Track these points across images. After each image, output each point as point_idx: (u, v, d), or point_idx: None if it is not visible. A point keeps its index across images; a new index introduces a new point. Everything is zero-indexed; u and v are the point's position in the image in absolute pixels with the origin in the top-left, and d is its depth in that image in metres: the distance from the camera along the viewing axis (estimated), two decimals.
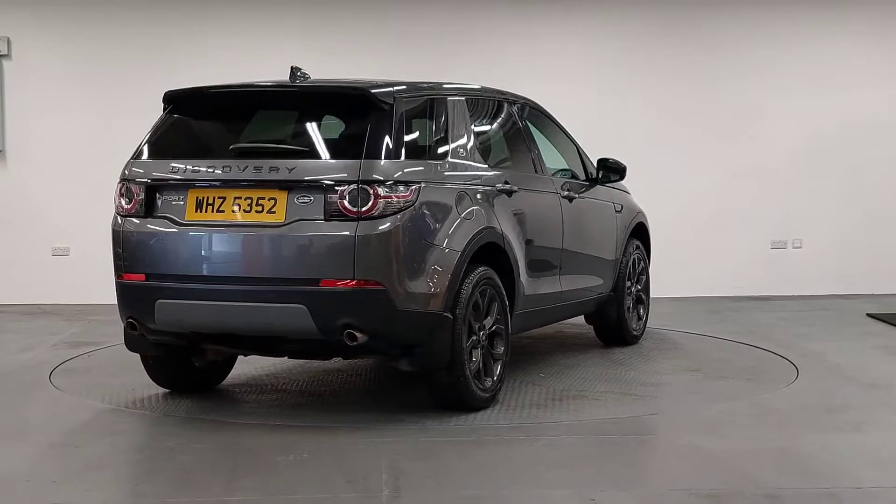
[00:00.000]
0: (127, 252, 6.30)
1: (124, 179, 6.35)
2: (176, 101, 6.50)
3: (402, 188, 5.90)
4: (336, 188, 5.83)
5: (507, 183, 6.85)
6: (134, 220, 6.28)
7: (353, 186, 5.81)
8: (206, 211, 6.07)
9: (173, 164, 6.19)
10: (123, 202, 6.34)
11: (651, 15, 11.79)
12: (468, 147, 6.70)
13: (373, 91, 6.08)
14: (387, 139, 5.99)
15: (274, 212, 5.94)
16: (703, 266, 11.77)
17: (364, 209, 5.81)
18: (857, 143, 11.87)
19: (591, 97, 11.57)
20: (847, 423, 6.24)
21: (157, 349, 6.50)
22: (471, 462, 5.44)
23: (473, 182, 6.55)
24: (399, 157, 6.00)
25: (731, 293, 11.70)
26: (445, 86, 6.96)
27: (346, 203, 5.82)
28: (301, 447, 5.70)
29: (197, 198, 6.10)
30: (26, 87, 11.31)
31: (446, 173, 6.37)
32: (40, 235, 11.37)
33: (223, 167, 6.06)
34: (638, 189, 9.33)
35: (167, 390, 6.90)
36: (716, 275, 11.70)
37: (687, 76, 11.78)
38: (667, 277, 11.23)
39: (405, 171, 5.99)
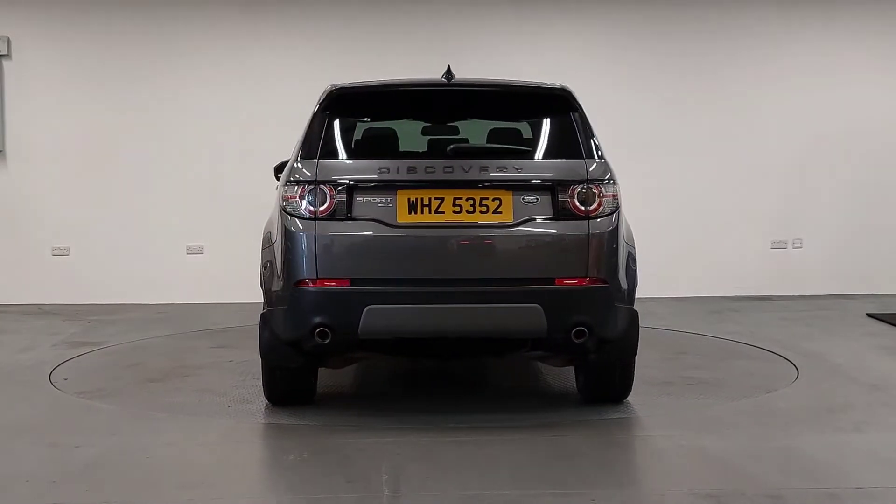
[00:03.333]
0: (323, 256, 5.87)
1: (313, 181, 5.92)
2: (342, 98, 6.23)
3: (614, 187, 6.04)
4: (566, 188, 5.89)
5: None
6: (331, 222, 5.87)
7: (582, 186, 5.92)
8: (421, 212, 5.86)
9: (380, 165, 5.94)
10: (308, 204, 5.90)
11: (651, 15, 11.79)
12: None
13: (570, 91, 6.23)
14: (592, 139, 6.17)
15: (500, 212, 5.88)
16: (704, 266, 11.78)
17: (591, 208, 5.92)
18: (858, 143, 11.88)
19: (592, 97, 11.53)
20: (848, 424, 6.23)
21: (300, 360, 6.19)
22: (471, 462, 5.44)
23: None
24: (602, 157, 6.13)
25: (731, 293, 11.70)
26: None
27: (576, 202, 5.91)
28: (301, 447, 5.70)
29: (409, 199, 5.86)
30: (26, 87, 11.32)
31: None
32: (40, 235, 11.38)
33: (444, 168, 5.91)
34: (638, 188, 9.33)
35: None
36: (716, 275, 11.71)
37: (687, 76, 11.79)
38: (667, 277, 11.24)
39: (612, 170, 6.12)
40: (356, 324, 5.79)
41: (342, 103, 6.20)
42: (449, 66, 6.40)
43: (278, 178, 8.29)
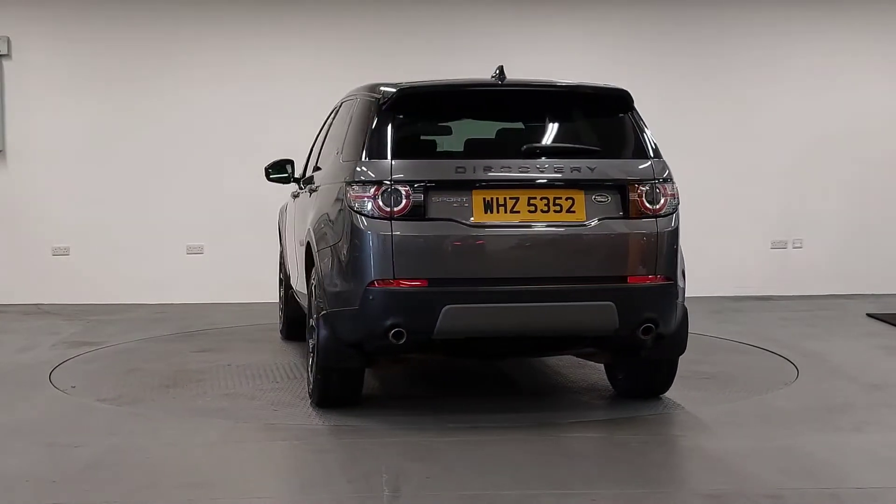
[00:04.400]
0: (399, 256, 5.82)
1: (388, 181, 5.86)
2: (407, 98, 6.18)
3: (674, 186, 6.19)
4: (635, 187, 6.01)
5: None
6: (408, 223, 5.83)
7: (650, 185, 6.05)
8: (497, 212, 5.88)
9: (456, 165, 5.94)
10: (383, 204, 5.84)
11: (651, 15, 11.79)
12: None
13: (629, 92, 6.33)
14: (650, 138, 6.29)
15: (574, 211, 5.94)
16: (704, 266, 11.75)
17: (657, 207, 6.05)
18: (858, 143, 11.88)
19: None
20: (848, 423, 6.23)
21: (360, 361, 6.16)
22: (471, 462, 5.44)
23: None
24: (661, 157, 6.26)
25: (731, 293, 11.70)
26: None
27: (644, 201, 6.02)
28: (302, 447, 5.70)
29: (484, 199, 5.87)
30: (26, 87, 11.32)
31: None
32: (40, 235, 11.38)
33: (519, 167, 5.95)
34: None
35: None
36: (716, 275, 11.70)
37: (687, 76, 11.79)
38: None
39: (669, 169, 6.23)
40: (433, 324, 5.80)
41: (407, 103, 6.18)
42: (501, 67, 6.42)
43: (270, 179, 8.34)
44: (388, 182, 5.85)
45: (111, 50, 11.40)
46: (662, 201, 6.08)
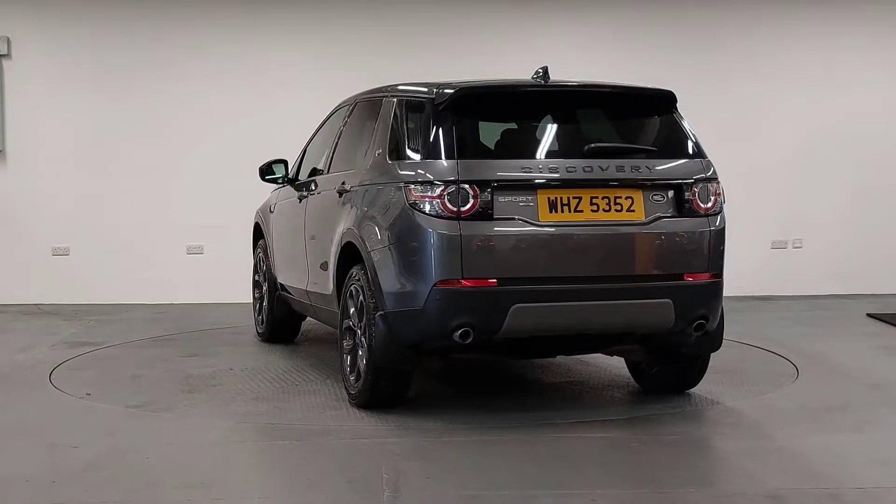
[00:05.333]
0: (468, 256, 5.83)
1: (455, 181, 5.86)
2: (466, 98, 6.15)
3: (720, 185, 6.35)
4: (689, 186, 6.16)
5: None
6: (476, 222, 5.85)
7: (702, 184, 6.21)
8: (561, 211, 5.95)
9: (522, 165, 5.99)
10: (450, 203, 5.84)
11: (651, 15, 11.80)
12: None
13: (674, 93, 6.45)
14: (696, 138, 6.43)
15: (633, 210, 6.05)
16: None
17: (709, 205, 6.22)
18: (858, 143, 11.88)
19: None
20: (848, 424, 6.23)
21: (415, 362, 6.20)
22: (471, 462, 5.44)
23: None
24: (706, 156, 6.41)
25: (731, 293, 11.57)
26: None
27: (698, 200, 6.17)
28: (302, 447, 5.70)
29: (549, 198, 5.94)
30: (26, 87, 11.32)
31: None
32: (40, 235, 11.38)
33: (583, 167, 6.01)
34: None
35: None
36: None
37: (687, 76, 11.78)
38: None
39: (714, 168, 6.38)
40: (500, 323, 5.84)
41: (464, 103, 6.16)
42: (546, 68, 6.47)
43: (265, 180, 8.36)
44: (456, 182, 5.86)
45: (111, 50, 11.40)
46: (712, 200, 6.25)
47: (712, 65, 11.78)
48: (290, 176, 8.27)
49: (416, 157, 6.12)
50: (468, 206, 5.85)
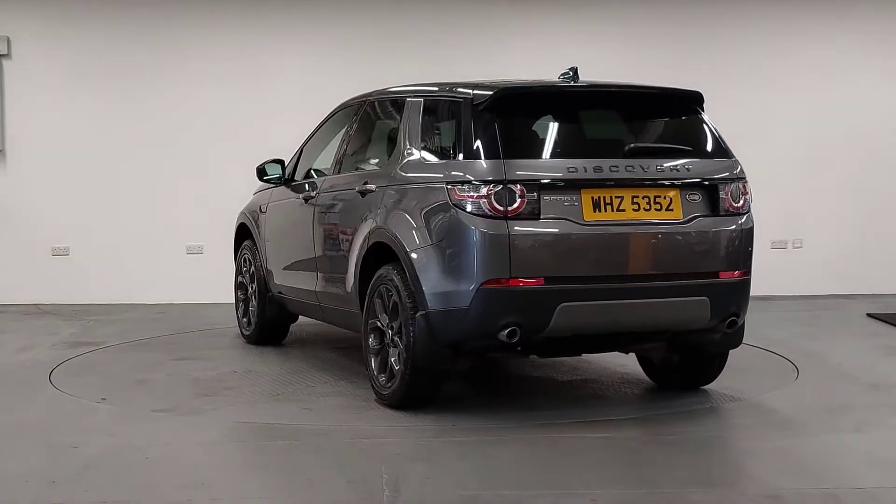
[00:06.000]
0: (516, 255, 5.87)
1: (501, 181, 5.89)
2: (508, 99, 6.20)
3: (748, 185, 6.48)
4: (723, 185, 6.30)
5: None
6: (523, 222, 5.88)
7: (735, 183, 6.36)
8: (605, 211, 6.02)
9: (568, 165, 6.03)
10: (497, 203, 5.87)
11: (651, 14, 11.79)
12: None
13: (701, 93, 6.58)
14: (723, 137, 6.54)
15: (672, 209, 6.16)
16: None
17: (740, 204, 6.36)
18: (858, 143, 11.88)
19: None
20: (848, 424, 6.23)
21: (453, 361, 6.24)
22: (471, 462, 5.44)
23: None
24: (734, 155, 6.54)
25: None
26: None
27: (731, 199, 6.32)
28: (301, 447, 5.70)
29: (593, 198, 6.00)
30: (26, 87, 11.31)
31: None
32: (40, 235, 11.37)
33: (626, 167, 6.09)
34: None
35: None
36: None
37: (687, 76, 11.72)
38: None
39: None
40: (547, 322, 5.89)
41: (505, 104, 6.18)
42: (575, 69, 6.57)
43: (262, 180, 8.32)
44: (503, 182, 5.88)
45: (111, 50, 11.39)
46: (742, 199, 6.38)
47: (712, 65, 11.77)
48: (285, 176, 8.21)
49: (458, 157, 6.13)
50: (515, 205, 5.88)
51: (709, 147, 6.46)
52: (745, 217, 6.37)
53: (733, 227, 6.30)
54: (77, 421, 6.33)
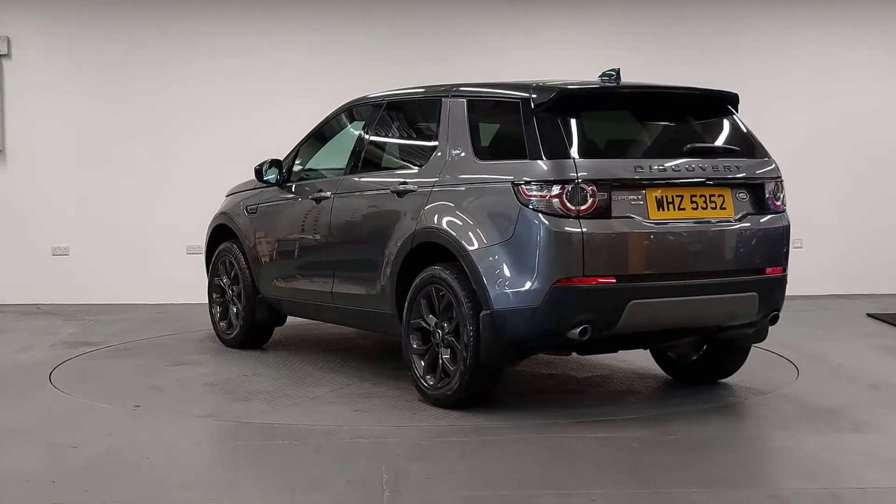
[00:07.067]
0: (589, 254, 5.96)
1: (573, 180, 5.96)
2: (568, 99, 6.27)
3: (783, 184, 6.73)
4: (767, 184, 6.55)
5: None
6: (595, 220, 5.98)
7: (776, 182, 6.63)
8: (668, 209, 6.17)
9: (636, 164, 6.15)
10: (569, 202, 5.94)
11: (648, 14, 11.78)
12: None
13: (737, 94, 6.85)
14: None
15: (725, 208, 6.36)
16: None
17: (780, 203, 6.66)
18: (858, 143, 11.87)
19: None
20: (848, 424, 6.23)
21: (516, 360, 6.38)
22: (471, 462, 5.44)
23: None
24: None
25: None
26: None
27: (773, 198, 6.60)
28: (301, 447, 5.70)
29: (656, 196, 6.14)
30: (26, 87, 11.31)
31: None
32: (40, 235, 11.37)
33: (686, 167, 6.27)
34: None
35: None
36: None
37: (687, 76, 11.71)
38: None
39: None
40: (617, 319, 6.01)
41: (565, 104, 6.25)
42: (618, 70, 6.68)
43: (262, 181, 8.21)
44: (575, 181, 5.96)
45: (111, 50, 11.38)
46: (781, 198, 6.66)
47: (712, 64, 11.75)
48: (281, 177, 8.07)
49: (523, 157, 6.17)
50: (587, 204, 5.97)
51: (749, 147, 6.65)
52: (783, 215, 6.63)
53: (776, 224, 6.55)
54: (77, 421, 6.33)
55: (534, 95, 6.27)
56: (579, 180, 5.96)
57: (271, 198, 8.25)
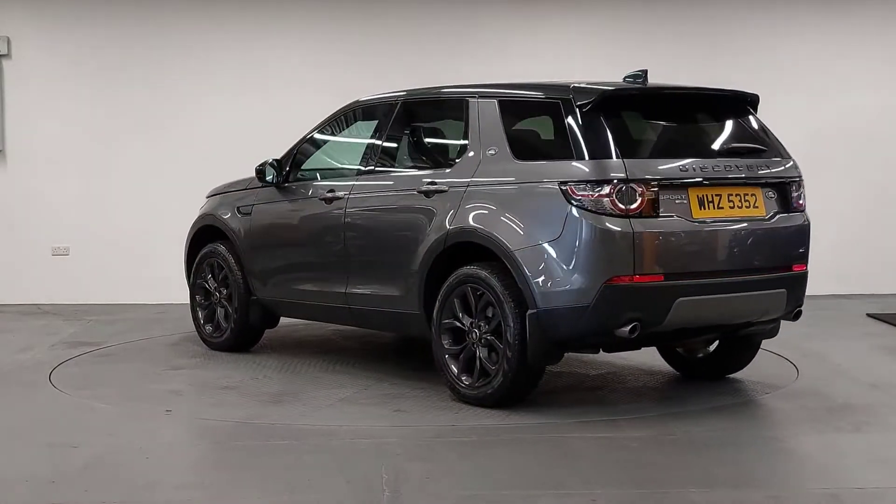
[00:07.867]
0: (640, 253, 6.06)
1: (624, 180, 6.03)
2: (611, 100, 6.33)
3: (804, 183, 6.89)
4: (792, 183, 6.70)
5: None
6: (644, 220, 6.07)
7: (798, 181, 6.77)
8: (708, 208, 6.30)
9: (680, 164, 6.26)
10: (619, 202, 6.02)
11: (648, 14, 11.78)
12: None
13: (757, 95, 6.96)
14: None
15: (757, 206, 6.51)
16: None
17: (802, 201, 6.80)
18: (858, 143, 11.87)
19: None
20: (848, 424, 6.23)
21: (558, 358, 6.44)
22: (471, 462, 5.44)
23: None
24: None
25: None
26: None
27: (798, 197, 6.74)
28: (301, 448, 5.70)
29: (698, 196, 6.27)
30: (26, 87, 11.31)
31: None
32: (40, 235, 11.37)
33: (725, 166, 6.42)
34: None
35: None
36: None
37: (687, 76, 11.74)
38: None
39: None
40: (664, 316, 6.12)
41: (609, 105, 6.33)
42: (646, 71, 6.74)
43: (262, 182, 8.12)
44: (625, 181, 6.05)
45: (111, 50, 11.39)
46: (804, 196, 6.81)
47: (712, 64, 11.75)
48: (280, 177, 7.97)
49: (565, 157, 6.23)
50: (636, 203, 6.06)
51: (773, 147, 6.79)
52: (804, 213, 6.76)
53: (801, 223, 6.70)
54: (77, 421, 6.33)
55: (576, 97, 6.32)
56: (629, 180, 6.04)
57: (268, 198, 8.12)
